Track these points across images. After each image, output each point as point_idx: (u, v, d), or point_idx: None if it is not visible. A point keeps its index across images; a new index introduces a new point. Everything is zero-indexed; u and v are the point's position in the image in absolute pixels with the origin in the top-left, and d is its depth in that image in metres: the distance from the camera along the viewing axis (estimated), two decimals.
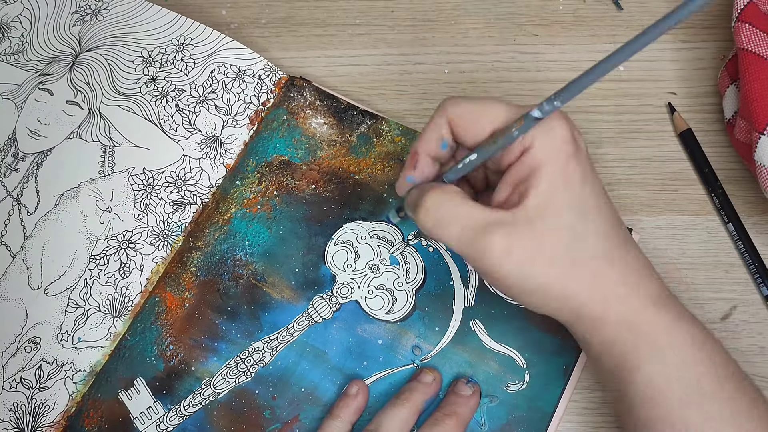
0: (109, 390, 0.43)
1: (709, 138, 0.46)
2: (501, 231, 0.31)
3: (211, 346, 0.43)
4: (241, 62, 0.48)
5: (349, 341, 0.43)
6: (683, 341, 0.32)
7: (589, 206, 0.32)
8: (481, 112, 0.33)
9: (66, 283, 0.45)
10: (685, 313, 0.34)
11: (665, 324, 0.32)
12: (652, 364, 0.32)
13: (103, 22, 0.50)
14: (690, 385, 0.32)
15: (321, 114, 0.47)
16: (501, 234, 0.31)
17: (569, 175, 0.31)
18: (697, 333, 0.33)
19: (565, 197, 0.31)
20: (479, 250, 0.31)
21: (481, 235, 0.31)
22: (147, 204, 0.47)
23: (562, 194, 0.31)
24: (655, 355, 0.32)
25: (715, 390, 0.32)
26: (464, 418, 0.39)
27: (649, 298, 0.32)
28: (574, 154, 0.31)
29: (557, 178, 0.31)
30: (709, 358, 0.32)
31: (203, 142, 0.47)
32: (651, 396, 0.32)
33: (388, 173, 0.46)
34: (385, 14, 0.51)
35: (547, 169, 0.31)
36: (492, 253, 0.31)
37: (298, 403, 0.42)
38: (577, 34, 0.49)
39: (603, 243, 0.32)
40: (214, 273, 0.45)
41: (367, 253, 0.44)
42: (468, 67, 0.49)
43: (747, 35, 0.42)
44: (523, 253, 0.31)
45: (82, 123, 0.48)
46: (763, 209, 0.45)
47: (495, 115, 0.33)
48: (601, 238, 0.32)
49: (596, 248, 0.32)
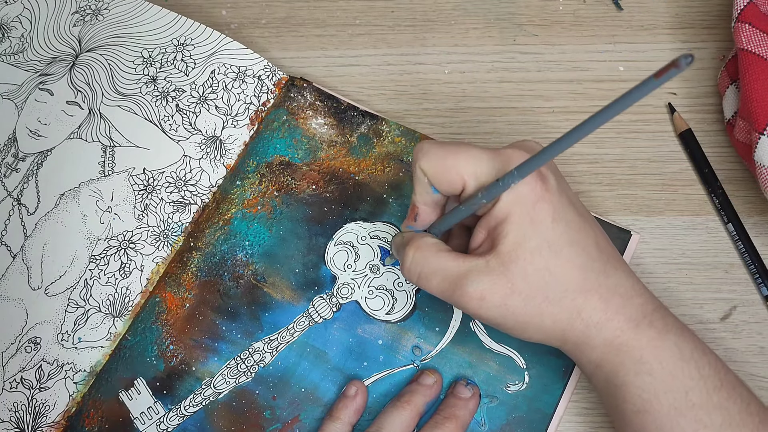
0: (109, 390, 0.43)
1: (709, 138, 0.46)
2: (474, 279, 0.33)
3: (212, 346, 0.43)
4: (241, 62, 0.48)
5: (349, 341, 0.43)
6: (669, 355, 0.33)
7: (562, 243, 0.33)
8: (448, 164, 0.34)
9: (66, 284, 0.45)
10: (672, 325, 0.34)
11: (649, 340, 0.33)
12: (640, 379, 0.33)
13: (103, 23, 0.50)
14: (678, 398, 0.33)
15: (321, 114, 0.47)
16: (474, 282, 0.33)
17: (536, 219, 0.32)
18: (685, 345, 0.34)
19: (533, 241, 0.32)
20: (458, 298, 0.34)
21: (457, 286, 0.33)
22: (147, 204, 0.47)
23: (530, 239, 0.32)
24: (641, 372, 0.33)
25: (703, 401, 0.33)
26: (464, 420, 0.40)
27: (632, 319, 0.33)
28: (540, 197, 0.32)
29: (524, 225, 0.32)
30: (696, 370, 0.33)
31: (203, 142, 0.47)
32: (643, 409, 0.33)
33: (388, 174, 0.46)
34: (385, 14, 0.51)
35: (513, 218, 0.32)
36: (470, 301, 0.33)
37: (299, 404, 0.42)
38: (577, 35, 0.49)
39: (578, 275, 0.33)
40: (214, 273, 0.45)
41: (367, 253, 0.44)
42: (468, 67, 0.49)
43: (747, 35, 0.42)
44: (497, 298, 0.33)
45: (83, 123, 0.48)
46: (763, 209, 0.45)
47: (463, 167, 0.34)
48: (575, 272, 0.33)
49: (570, 283, 0.33)
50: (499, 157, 0.33)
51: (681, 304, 0.44)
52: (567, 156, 0.46)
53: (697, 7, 0.49)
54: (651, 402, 0.33)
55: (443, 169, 0.34)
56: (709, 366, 0.33)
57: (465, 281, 0.33)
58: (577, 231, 0.33)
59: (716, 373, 0.33)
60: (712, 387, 0.33)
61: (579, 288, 0.33)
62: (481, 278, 0.33)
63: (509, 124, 0.48)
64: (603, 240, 0.35)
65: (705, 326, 0.43)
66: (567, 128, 0.47)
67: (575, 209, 0.34)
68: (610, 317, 0.33)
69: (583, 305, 0.33)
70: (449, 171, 0.34)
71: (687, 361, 0.33)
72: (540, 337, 0.35)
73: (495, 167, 0.33)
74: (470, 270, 0.33)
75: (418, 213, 0.36)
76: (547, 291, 0.33)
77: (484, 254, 0.33)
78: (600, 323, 0.33)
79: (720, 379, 0.33)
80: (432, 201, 0.36)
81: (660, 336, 0.33)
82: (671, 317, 0.35)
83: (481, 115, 0.48)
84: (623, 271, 0.35)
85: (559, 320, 0.33)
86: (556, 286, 0.33)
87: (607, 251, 0.35)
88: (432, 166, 0.34)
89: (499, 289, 0.33)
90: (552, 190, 0.33)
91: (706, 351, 0.34)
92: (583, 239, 0.34)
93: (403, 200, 0.45)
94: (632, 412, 0.33)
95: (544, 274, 0.33)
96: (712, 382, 0.33)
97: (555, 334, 0.34)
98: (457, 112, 0.48)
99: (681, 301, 0.44)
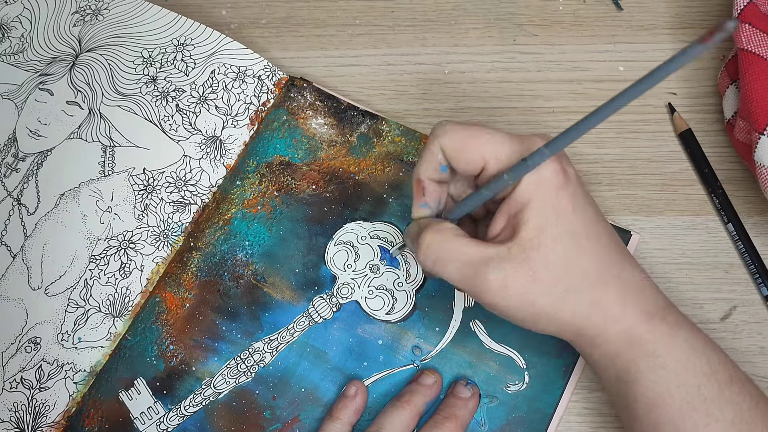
0: (109, 390, 0.43)
1: (709, 138, 0.46)
2: (496, 266, 0.32)
3: (212, 346, 0.43)
4: (241, 62, 0.48)
5: (349, 341, 0.43)
6: (681, 350, 0.33)
7: (581, 233, 0.33)
8: (469, 142, 0.34)
9: (66, 283, 0.45)
10: (683, 321, 0.34)
11: (662, 334, 0.33)
12: (653, 373, 0.33)
13: (103, 23, 0.50)
14: (691, 392, 0.33)
15: (321, 114, 0.47)
16: (497, 269, 0.32)
17: (559, 207, 0.32)
18: (696, 341, 0.34)
19: (555, 228, 0.32)
20: (477, 285, 0.33)
21: (478, 272, 0.32)
22: (147, 204, 0.47)
23: (553, 226, 0.32)
24: (654, 365, 0.33)
25: (715, 395, 0.33)
26: (463, 420, 0.40)
27: (646, 312, 0.33)
28: (563, 185, 0.32)
29: (547, 211, 0.32)
30: (708, 365, 0.33)
31: (203, 142, 0.47)
32: (655, 403, 0.33)
33: (388, 173, 0.46)
34: (385, 14, 0.51)
35: (535, 203, 0.32)
36: (489, 288, 0.32)
37: (299, 404, 0.42)
38: (577, 34, 0.49)
39: (596, 267, 0.33)
40: (214, 273, 0.45)
41: (367, 253, 0.44)
42: (468, 67, 0.49)
43: (747, 35, 0.42)
44: (518, 285, 0.32)
45: (83, 123, 0.48)
46: (763, 209, 0.45)
47: (485, 147, 0.33)
48: (594, 263, 0.33)
49: (589, 273, 0.33)
50: (522, 142, 0.33)
51: (681, 304, 0.43)
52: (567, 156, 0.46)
53: (697, 7, 0.49)
54: (663, 396, 0.33)
55: (464, 147, 0.34)
56: (719, 362, 0.33)
57: (486, 268, 0.32)
58: (594, 223, 0.33)
59: (726, 369, 0.33)
60: (723, 382, 0.33)
61: (598, 279, 0.33)
62: (504, 265, 0.32)
63: (509, 124, 0.48)
64: (615, 235, 0.35)
65: (705, 326, 0.43)
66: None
67: (591, 202, 0.34)
68: (627, 310, 0.33)
69: (602, 297, 0.33)
70: (470, 150, 0.33)
71: (699, 357, 0.33)
72: (553, 329, 0.34)
73: (518, 150, 0.33)
74: (492, 257, 0.32)
75: (425, 187, 0.36)
76: (568, 281, 0.32)
77: (505, 241, 0.33)
78: (616, 316, 0.33)
79: (730, 375, 0.33)
80: (437, 177, 0.35)
81: (672, 331, 0.33)
82: (681, 314, 0.35)
83: (481, 115, 0.48)
84: (635, 266, 0.35)
85: (578, 312, 0.33)
86: (577, 276, 0.32)
87: (620, 246, 0.35)
88: (453, 144, 0.34)
89: (521, 277, 0.32)
90: (572, 180, 0.33)
91: (715, 348, 0.34)
92: (600, 232, 0.34)
93: (403, 200, 0.45)
94: (644, 409, 0.33)
95: (565, 264, 0.32)
96: (723, 378, 0.33)
97: (570, 326, 0.33)
98: (457, 112, 0.48)
99: (681, 301, 0.44)
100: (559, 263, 0.32)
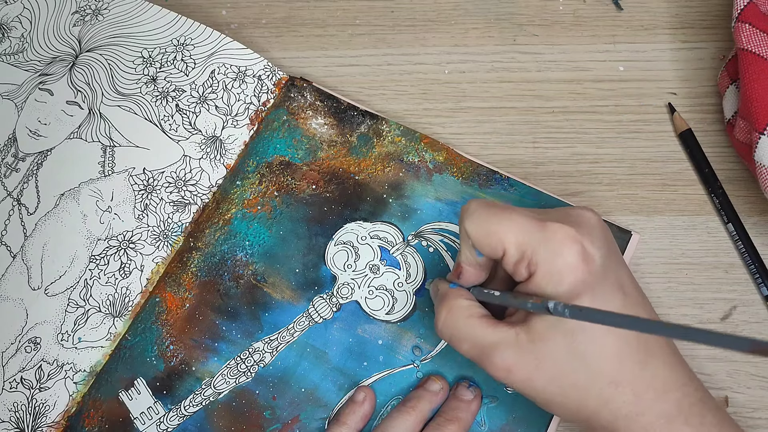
0: (109, 390, 0.43)
1: (709, 138, 0.46)
2: (503, 351, 0.33)
3: (212, 346, 0.43)
4: (241, 62, 0.48)
5: (349, 341, 0.43)
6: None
7: (598, 329, 0.31)
8: (491, 230, 0.33)
9: (66, 283, 0.45)
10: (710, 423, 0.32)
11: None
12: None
13: (103, 23, 0.50)
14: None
15: (321, 114, 0.47)
16: (503, 355, 0.33)
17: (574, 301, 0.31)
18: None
19: (568, 324, 0.31)
20: (486, 366, 0.34)
21: (485, 354, 0.33)
22: (147, 204, 0.47)
23: (566, 321, 0.31)
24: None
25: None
26: (466, 422, 0.40)
27: (664, 416, 0.32)
28: (581, 278, 0.31)
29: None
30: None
31: (203, 142, 0.47)
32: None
33: (388, 173, 0.46)
34: (385, 14, 0.51)
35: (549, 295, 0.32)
36: (496, 371, 0.33)
37: (299, 404, 0.42)
38: (577, 34, 0.49)
39: (611, 366, 0.32)
40: (214, 273, 0.45)
41: (367, 253, 0.44)
42: (468, 67, 0.49)
43: (747, 35, 0.42)
44: (523, 373, 0.32)
45: (82, 123, 0.48)
46: (763, 209, 0.45)
47: (505, 234, 0.33)
48: (609, 362, 0.32)
49: (601, 372, 0.32)
50: (543, 231, 0.32)
51: (681, 304, 0.44)
52: (567, 156, 0.46)
53: (697, 7, 0.49)
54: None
55: (486, 233, 0.33)
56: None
57: (493, 351, 0.33)
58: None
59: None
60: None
61: (611, 379, 0.32)
62: (508, 351, 0.32)
63: (509, 124, 0.48)
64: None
65: (705, 326, 0.43)
66: (567, 128, 0.48)
67: (621, 292, 0.33)
68: (641, 412, 0.32)
69: (613, 396, 0.32)
70: (491, 236, 0.33)
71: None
72: (565, 417, 0.34)
73: (538, 239, 0.32)
74: (499, 342, 0.33)
75: (461, 273, 0.36)
76: (576, 377, 0.32)
77: (516, 324, 0.33)
78: (629, 416, 0.32)
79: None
80: (476, 263, 0.35)
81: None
82: (711, 412, 0.33)
83: (481, 115, 0.48)
84: (663, 360, 0.33)
85: (584, 407, 0.32)
86: (586, 373, 0.32)
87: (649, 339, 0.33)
88: (475, 229, 0.34)
89: (525, 365, 0.32)
90: (595, 274, 0.32)
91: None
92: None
93: (403, 200, 0.45)
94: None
95: (575, 360, 0.31)
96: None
97: (579, 417, 0.33)
98: (457, 112, 0.48)
99: (681, 301, 0.44)
100: (566, 359, 0.32)
